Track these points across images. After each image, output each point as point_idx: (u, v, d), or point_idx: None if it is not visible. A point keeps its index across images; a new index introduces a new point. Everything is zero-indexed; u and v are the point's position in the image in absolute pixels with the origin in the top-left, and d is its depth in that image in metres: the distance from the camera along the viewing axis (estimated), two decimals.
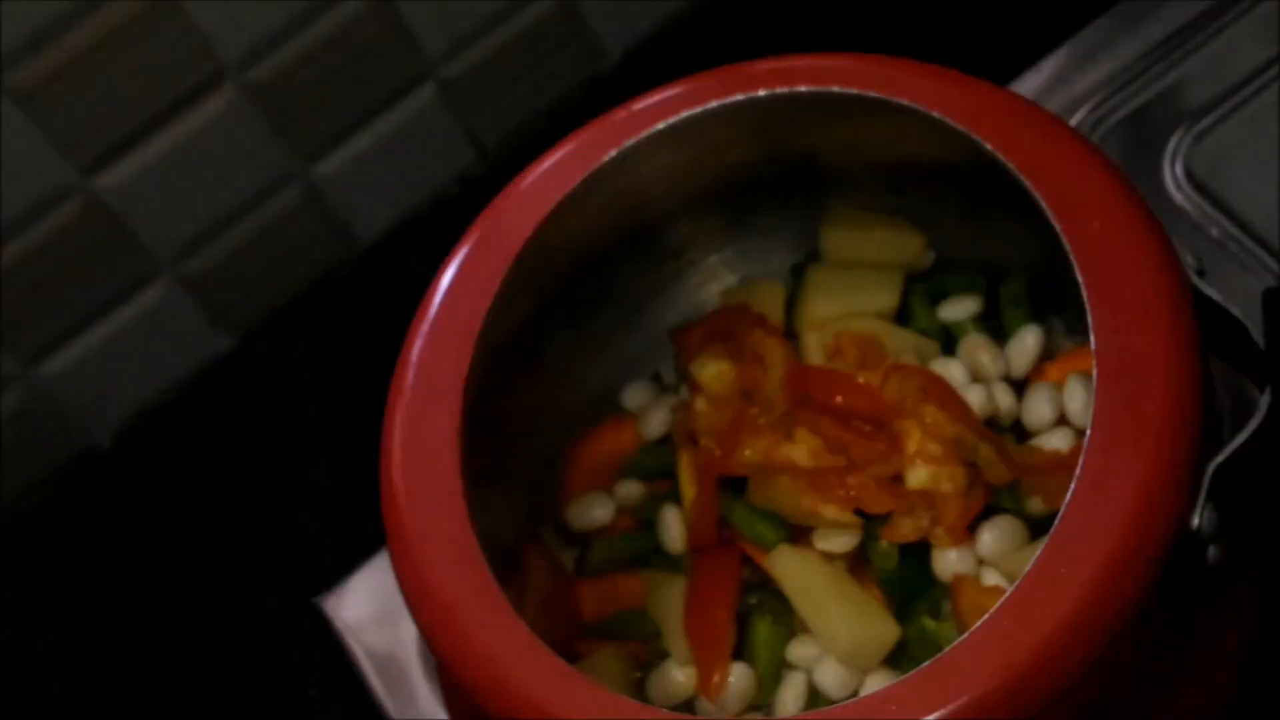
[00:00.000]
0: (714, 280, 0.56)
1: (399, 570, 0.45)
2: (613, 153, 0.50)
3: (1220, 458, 0.41)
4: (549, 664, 0.42)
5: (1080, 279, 0.43)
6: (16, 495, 0.67)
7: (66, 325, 0.64)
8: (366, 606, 0.59)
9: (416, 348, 0.48)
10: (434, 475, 0.45)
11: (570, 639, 0.50)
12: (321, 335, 0.69)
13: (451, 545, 0.44)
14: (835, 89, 0.48)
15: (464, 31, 0.66)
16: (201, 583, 0.64)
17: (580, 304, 0.53)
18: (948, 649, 0.40)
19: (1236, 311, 0.45)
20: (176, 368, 0.68)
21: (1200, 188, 0.59)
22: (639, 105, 0.51)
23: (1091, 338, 0.42)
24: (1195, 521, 0.41)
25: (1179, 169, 0.60)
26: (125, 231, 0.63)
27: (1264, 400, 0.42)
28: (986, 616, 0.39)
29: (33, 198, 0.60)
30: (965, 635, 0.40)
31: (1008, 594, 0.40)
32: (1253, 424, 0.42)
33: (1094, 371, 0.42)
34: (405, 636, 0.57)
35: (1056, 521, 0.40)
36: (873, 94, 0.48)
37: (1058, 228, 0.44)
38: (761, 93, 0.49)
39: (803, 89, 0.49)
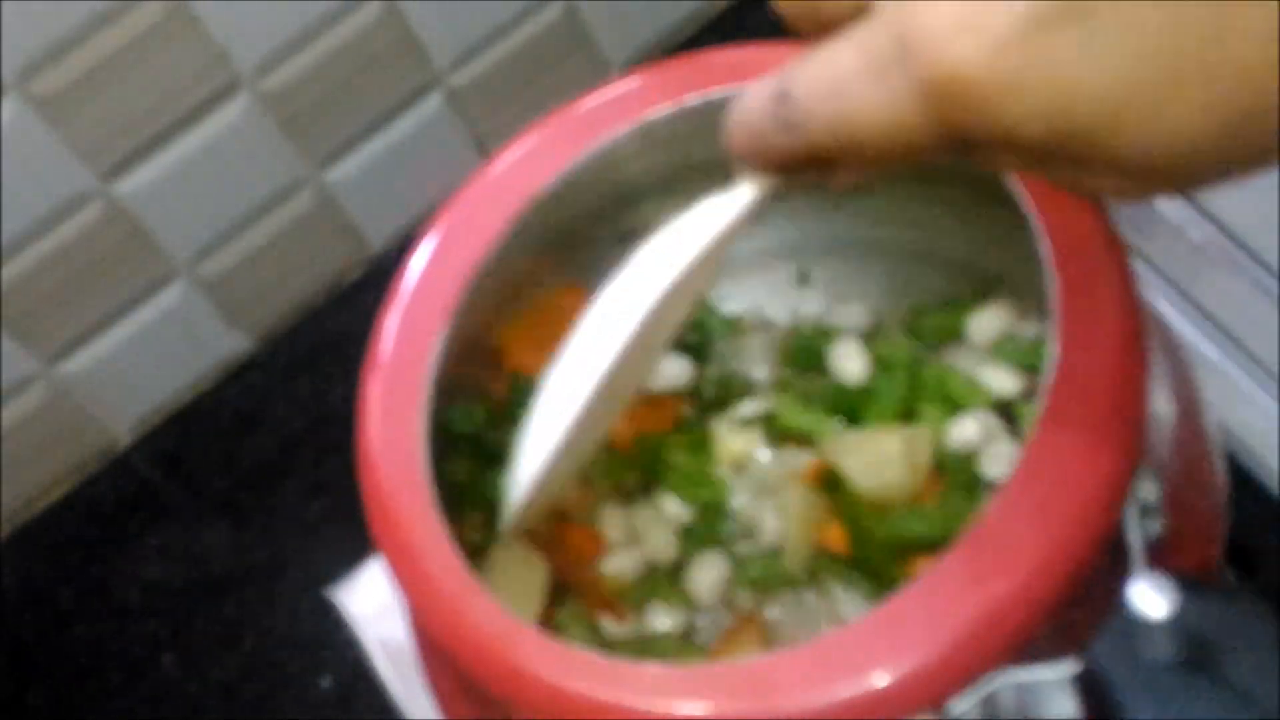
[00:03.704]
0: None
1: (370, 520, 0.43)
2: (589, 147, 0.48)
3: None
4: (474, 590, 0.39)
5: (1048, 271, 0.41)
6: (37, 491, 0.68)
7: (87, 326, 0.65)
8: (377, 597, 0.60)
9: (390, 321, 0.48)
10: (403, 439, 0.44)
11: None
12: (334, 335, 0.70)
13: (412, 495, 0.42)
14: None
15: (471, 41, 0.66)
16: (215, 575, 0.65)
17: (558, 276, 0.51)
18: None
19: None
20: (193, 367, 0.69)
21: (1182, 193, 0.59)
22: (612, 94, 0.49)
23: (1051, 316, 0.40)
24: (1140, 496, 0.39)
25: None
26: (143, 235, 0.64)
27: None
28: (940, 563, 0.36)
29: (54, 202, 0.61)
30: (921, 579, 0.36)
31: (960, 544, 0.36)
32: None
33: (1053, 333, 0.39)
34: None
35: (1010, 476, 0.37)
36: None
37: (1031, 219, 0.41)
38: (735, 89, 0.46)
39: None
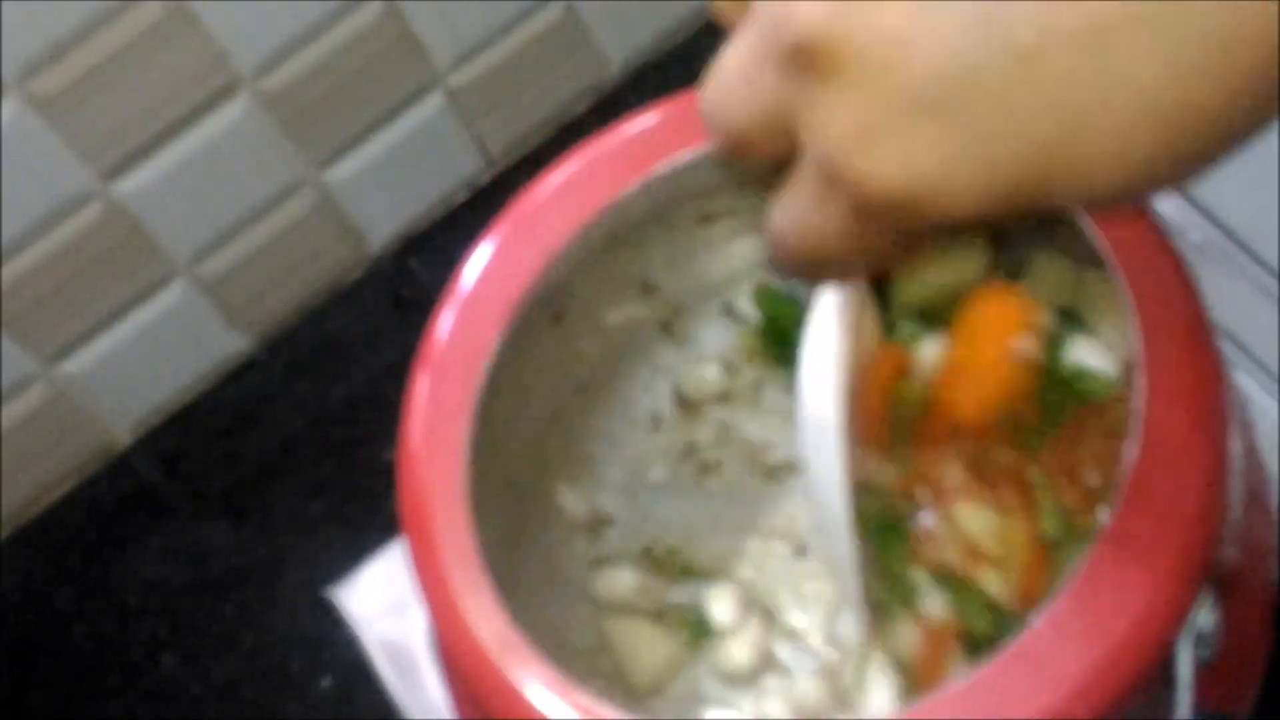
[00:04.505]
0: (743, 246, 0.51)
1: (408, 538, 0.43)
2: (651, 168, 0.46)
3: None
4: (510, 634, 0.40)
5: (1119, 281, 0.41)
6: (37, 491, 0.68)
7: (87, 326, 0.65)
8: (377, 597, 0.60)
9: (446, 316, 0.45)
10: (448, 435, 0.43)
11: None
12: (334, 335, 0.70)
13: (447, 491, 0.42)
14: None
15: (471, 42, 0.66)
16: (215, 574, 0.65)
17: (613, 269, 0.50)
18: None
19: None
20: (193, 367, 0.69)
21: (1182, 192, 0.58)
22: (675, 110, 0.47)
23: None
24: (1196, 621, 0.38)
25: None
26: (144, 235, 0.63)
27: None
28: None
29: (54, 202, 0.61)
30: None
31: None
32: None
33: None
34: (415, 627, 0.56)
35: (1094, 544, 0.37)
36: None
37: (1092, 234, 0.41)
38: None
39: None
